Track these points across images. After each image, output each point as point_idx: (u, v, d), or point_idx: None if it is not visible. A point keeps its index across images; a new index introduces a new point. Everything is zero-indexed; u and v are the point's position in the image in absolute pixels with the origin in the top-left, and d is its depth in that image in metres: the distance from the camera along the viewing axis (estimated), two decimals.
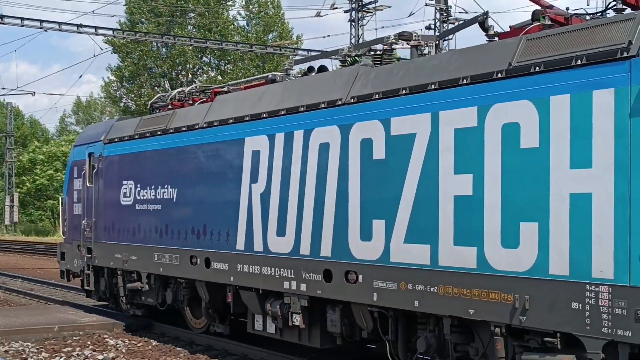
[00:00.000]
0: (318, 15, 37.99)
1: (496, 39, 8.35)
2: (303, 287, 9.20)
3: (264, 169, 9.85)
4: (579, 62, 6.61)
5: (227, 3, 57.39)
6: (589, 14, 7.84)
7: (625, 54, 6.28)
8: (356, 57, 9.77)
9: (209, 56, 56.61)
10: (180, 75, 57.66)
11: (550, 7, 8.10)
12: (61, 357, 11.55)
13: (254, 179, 10.00)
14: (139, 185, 12.50)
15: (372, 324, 8.59)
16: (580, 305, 6.50)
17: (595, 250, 6.44)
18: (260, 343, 11.20)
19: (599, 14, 7.71)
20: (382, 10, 37.18)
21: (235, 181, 10.29)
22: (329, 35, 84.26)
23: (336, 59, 10.03)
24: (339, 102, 8.90)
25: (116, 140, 13.37)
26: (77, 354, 11.69)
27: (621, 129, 6.27)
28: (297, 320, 9.38)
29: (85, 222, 14.18)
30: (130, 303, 13.50)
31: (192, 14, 56.11)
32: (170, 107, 12.74)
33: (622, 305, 6.21)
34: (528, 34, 7.48)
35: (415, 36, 9.07)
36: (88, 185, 14.08)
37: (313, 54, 30.20)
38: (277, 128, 9.68)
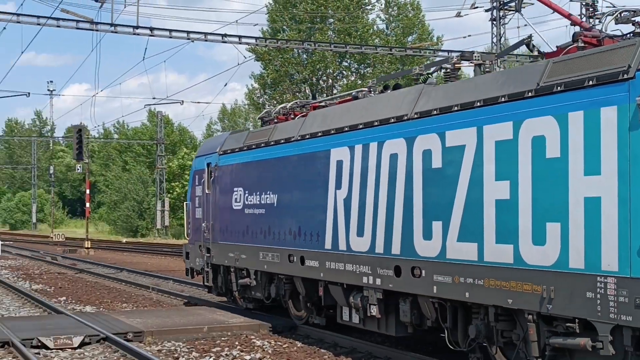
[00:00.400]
0: (458, 15, 37.99)
1: (544, 57, 9.52)
2: (378, 281, 10.70)
3: (345, 177, 11.43)
4: (590, 82, 7.76)
5: (367, 7, 58.26)
6: (622, 35, 8.86)
7: (625, 76, 7.38)
8: (428, 75, 11.17)
9: (348, 60, 57.50)
10: (320, 81, 59.38)
11: (590, 29, 9.18)
12: (210, 356, 12.07)
13: (338, 186, 11.61)
14: (247, 192, 14.47)
15: (434, 314, 9.97)
16: (592, 294, 7.64)
17: (603, 246, 7.57)
18: (348, 332, 12.76)
19: (629, 35, 8.73)
20: (524, 8, 36.88)
21: (323, 188, 11.95)
22: (469, 35, 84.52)
23: (416, 76, 11.42)
24: (405, 117, 10.35)
25: (228, 151, 15.43)
26: (226, 354, 12.18)
27: (622, 141, 7.39)
28: (374, 310, 10.88)
29: (205, 225, 16.34)
30: (243, 297, 15.48)
31: (332, 19, 57.63)
32: (275, 120, 14.58)
33: (624, 294, 7.32)
34: (554, 57, 8.64)
35: (475, 56, 10.34)
36: (206, 191, 16.24)
37: (438, 58, 31.28)
38: (356, 140, 11.25)
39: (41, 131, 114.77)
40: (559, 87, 8.10)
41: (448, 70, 10.80)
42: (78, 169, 71.13)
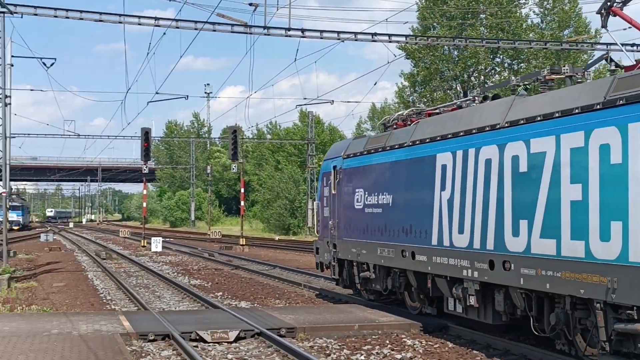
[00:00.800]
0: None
1: (622, 70, 10.70)
2: (475, 274, 12.15)
3: (449, 180, 12.93)
4: None
5: (520, 1, 57.40)
6: None
7: None
8: (527, 86, 12.50)
9: (501, 56, 57.29)
10: (472, 78, 59.68)
11: None
12: (361, 354, 12.41)
13: (442, 187, 13.13)
14: (366, 192, 16.23)
15: (523, 303, 11.32)
16: None
17: None
18: (452, 320, 14.17)
19: None
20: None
21: (430, 189, 13.51)
22: (629, 27, 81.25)
23: (514, 87, 12.80)
24: (498, 126, 11.75)
25: (351, 155, 17.25)
26: (377, 352, 12.47)
27: None
28: (472, 300, 12.35)
29: (331, 222, 18.25)
30: (365, 289, 17.24)
31: (484, 15, 57.76)
32: (394, 127, 16.25)
33: None
34: (629, 72, 9.84)
35: (564, 69, 11.60)
36: (332, 192, 18.14)
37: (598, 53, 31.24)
38: (458, 146, 12.73)
39: (199, 132, 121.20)
40: (620, 101, 9.30)
41: (540, 81, 12.09)
42: (233, 169, 74.71)
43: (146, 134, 38.66)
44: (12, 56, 32.32)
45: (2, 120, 26.37)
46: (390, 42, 28.89)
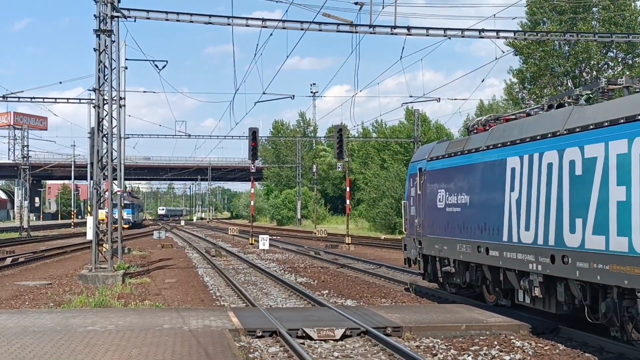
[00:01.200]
0: None
1: None
2: (539, 267, 13.63)
3: (517, 182, 14.44)
4: None
5: None
6: None
7: None
8: (590, 95, 13.94)
9: (614, 50, 57.17)
10: (583, 73, 58.63)
11: None
12: (469, 355, 12.51)
13: (512, 189, 14.65)
14: (447, 193, 17.91)
15: (579, 294, 12.78)
16: None
17: None
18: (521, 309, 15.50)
19: None
20: None
21: (501, 190, 15.06)
22: None
23: (576, 97, 14.24)
24: (558, 133, 13.23)
25: (434, 158, 18.95)
26: (485, 353, 12.57)
27: None
28: (537, 292, 13.84)
29: (417, 220, 19.99)
30: (447, 283, 18.93)
31: (596, 9, 56.47)
32: (475, 131, 17.83)
33: None
34: None
35: (620, 81, 13.00)
36: (418, 192, 19.88)
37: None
38: (524, 151, 14.23)
39: (305, 131, 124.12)
40: None
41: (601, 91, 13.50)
42: (339, 168, 76.31)
43: (254, 133, 39.94)
44: (126, 59, 34.83)
45: (117, 121, 27.32)
46: (498, 38, 28.80)
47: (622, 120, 11.48)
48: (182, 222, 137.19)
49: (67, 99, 49.54)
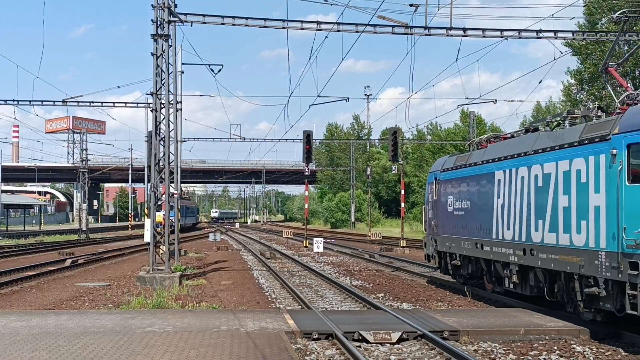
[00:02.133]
0: None
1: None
2: (516, 259, 18.00)
3: (502, 190, 18.89)
4: (597, 139, 14.49)
5: None
6: None
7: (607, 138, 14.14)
8: (559, 121, 18.06)
9: None
10: None
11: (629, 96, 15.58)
12: (528, 359, 12.93)
13: (498, 196, 19.12)
14: (454, 199, 22.51)
15: (543, 278, 17.00)
16: (597, 262, 14.45)
17: (601, 236, 14.42)
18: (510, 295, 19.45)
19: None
20: None
21: (492, 197, 19.58)
22: None
23: (547, 123, 18.34)
24: (528, 153, 17.53)
25: (446, 169, 23.65)
26: (544, 358, 12.87)
27: (609, 173, 14.21)
28: (514, 278, 18.23)
29: (433, 222, 24.69)
30: (456, 274, 23.57)
31: None
32: (479, 147, 22.23)
33: (609, 261, 14.07)
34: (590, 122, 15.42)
35: (577, 112, 17.02)
36: (434, 198, 24.61)
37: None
38: (506, 166, 18.67)
39: (359, 134, 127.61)
40: (586, 141, 14.95)
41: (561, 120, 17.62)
42: (393, 170, 78.56)
43: (308, 136, 40.65)
44: (183, 63, 36.79)
45: (174, 124, 28.13)
46: (555, 38, 29.16)
47: (566, 145, 15.81)
48: (237, 225, 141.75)
49: (125, 103, 52.36)
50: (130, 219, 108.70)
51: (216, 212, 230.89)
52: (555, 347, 13.84)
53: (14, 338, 13.88)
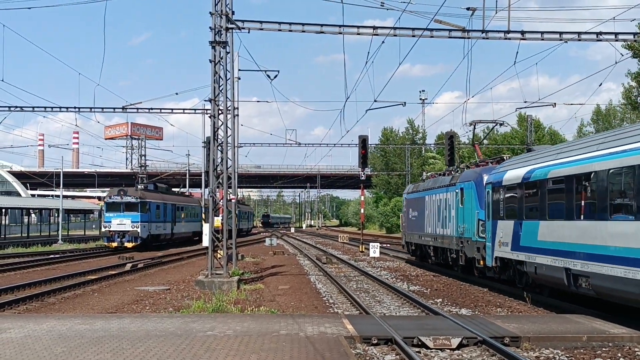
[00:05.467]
0: None
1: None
2: (433, 243, 37.06)
3: (428, 207, 38.10)
4: (454, 184, 33.74)
5: None
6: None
7: (455, 182, 33.84)
8: (460, 168, 36.55)
9: None
10: None
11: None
12: None
13: (426, 209, 38.37)
14: (412, 210, 41.99)
15: (442, 254, 36.03)
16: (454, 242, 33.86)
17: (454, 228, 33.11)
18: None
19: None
20: None
21: (424, 210, 38.97)
22: None
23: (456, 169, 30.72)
24: (438, 187, 36.29)
25: (409, 192, 43.72)
26: None
27: (457, 198, 33.57)
28: (432, 254, 37.72)
29: (404, 224, 44.35)
30: (415, 256, 42.71)
31: None
32: (429, 178, 40.88)
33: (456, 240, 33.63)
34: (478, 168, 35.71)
35: (462, 166, 34.80)
36: (405, 210, 43.99)
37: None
38: (428, 193, 38.16)
39: (414, 139, 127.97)
40: (453, 182, 34.00)
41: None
42: None
43: (363, 141, 41.94)
44: (239, 70, 38.09)
45: (232, 130, 29.28)
46: (616, 40, 28.80)
47: (445, 185, 34.48)
48: (292, 229, 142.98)
49: (184, 109, 54.08)
50: None
51: (267, 215, 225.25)
52: (619, 354, 14.09)
53: (79, 341, 14.69)
